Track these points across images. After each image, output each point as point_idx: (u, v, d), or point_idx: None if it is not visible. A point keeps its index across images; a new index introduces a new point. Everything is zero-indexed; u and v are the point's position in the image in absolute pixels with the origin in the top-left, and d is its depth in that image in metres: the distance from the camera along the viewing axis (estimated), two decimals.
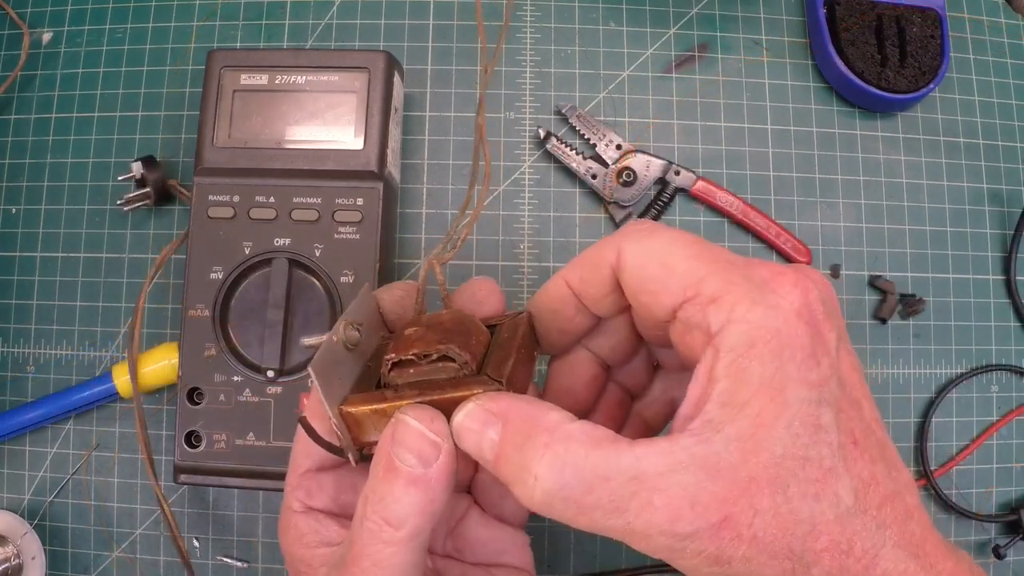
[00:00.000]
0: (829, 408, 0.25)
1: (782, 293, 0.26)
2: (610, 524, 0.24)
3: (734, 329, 0.25)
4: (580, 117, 0.50)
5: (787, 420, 0.24)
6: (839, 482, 0.24)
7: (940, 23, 0.50)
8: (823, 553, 0.24)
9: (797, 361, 0.24)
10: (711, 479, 0.24)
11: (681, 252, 0.27)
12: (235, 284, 0.44)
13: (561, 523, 0.25)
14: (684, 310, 0.26)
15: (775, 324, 0.25)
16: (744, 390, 0.24)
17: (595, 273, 0.29)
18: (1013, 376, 0.50)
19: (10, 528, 0.45)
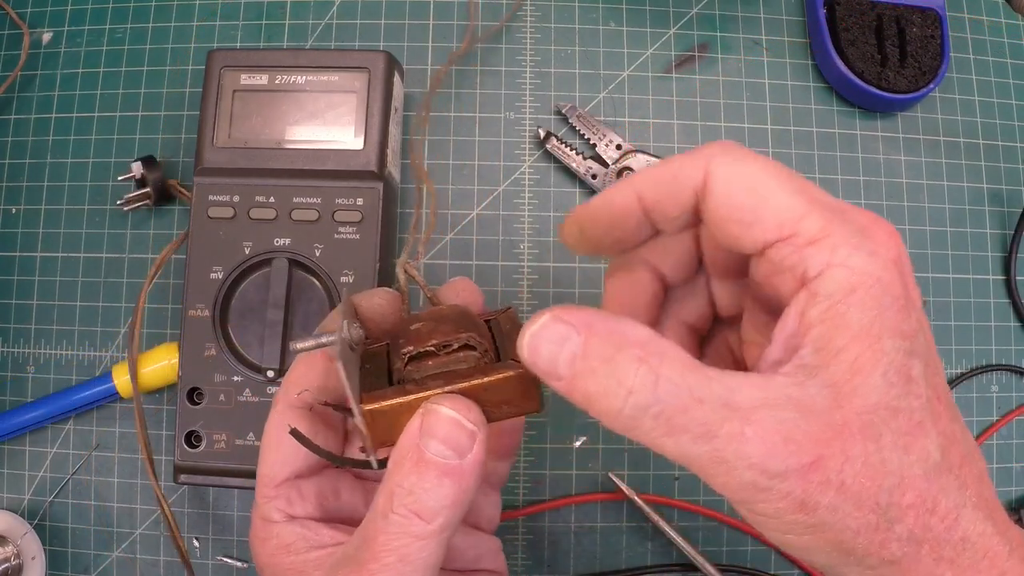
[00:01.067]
0: (919, 360, 0.24)
1: (880, 241, 0.24)
2: (696, 451, 0.23)
3: (834, 273, 0.23)
4: (580, 117, 0.50)
5: (883, 368, 0.23)
6: (927, 437, 0.23)
7: (940, 23, 0.50)
8: (908, 509, 0.23)
9: (894, 311, 0.24)
10: (805, 419, 0.23)
11: (779, 184, 0.25)
12: (235, 284, 0.44)
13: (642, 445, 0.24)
14: (778, 249, 0.24)
15: (876, 272, 0.23)
16: (841, 336, 0.23)
17: (673, 193, 0.26)
18: (1013, 376, 0.50)
19: (10, 528, 0.45)
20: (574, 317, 0.24)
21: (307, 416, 0.30)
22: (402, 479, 0.26)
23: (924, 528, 0.23)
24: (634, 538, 0.47)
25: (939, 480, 0.23)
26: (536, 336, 0.24)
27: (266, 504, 0.30)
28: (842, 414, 0.23)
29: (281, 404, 0.30)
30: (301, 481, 0.30)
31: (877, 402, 0.23)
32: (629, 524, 0.48)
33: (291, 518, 0.30)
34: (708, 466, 0.23)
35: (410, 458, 0.26)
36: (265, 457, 0.30)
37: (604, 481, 0.47)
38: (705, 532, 0.47)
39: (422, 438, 0.26)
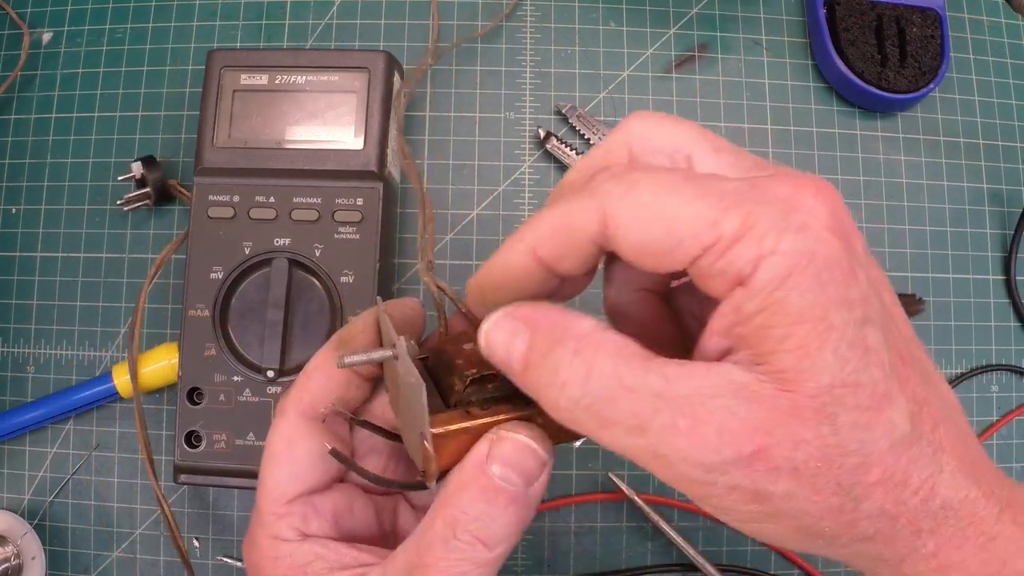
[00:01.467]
0: (874, 326, 0.22)
1: (807, 209, 0.23)
2: (631, 443, 0.22)
3: (766, 264, 0.22)
4: (580, 117, 0.50)
5: (833, 345, 0.21)
6: (893, 407, 0.22)
7: (940, 23, 0.50)
8: (875, 487, 0.22)
9: (837, 281, 0.22)
10: (745, 407, 0.21)
11: (680, 197, 0.23)
12: (235, 284, 0.44)
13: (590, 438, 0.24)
14: (704, 260, 0.22)
15: (810, 247, 0.22)
16: (782, 324, 0.22)
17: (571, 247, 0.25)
18: (1013, 376, 0.50)
19: (10, 528, 0.45)
20: (522, 313, 0.25)
21: (319, 429, 0.29)
22: (467, 506, 0.25)
23: (896, 503, 0.22)
24: (634, 538, 0.47)
25: (908, 452, 0.22)
26: (489, 335, 0.25)
27: (277, 522, 0.28)
28: (791, 398, 0.21)
29: (292, 413, 0.29)
30: (316, 497, 0.29)
31: (831, 381, 0.21)
32: (629, 524, 0.48)
33: (305, 536, 0.28)
34: (647, 461, 0.22)
35: (477, 484, 0.25)
36: (272, 470, 0.29)
37: (604, 481, 0.47)
38: (705, 532, 0.47)
39: (492, 465, 0.25)
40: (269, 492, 0.28)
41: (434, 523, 0.26)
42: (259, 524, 0.29)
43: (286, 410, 0.29)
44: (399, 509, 0.33)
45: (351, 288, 0.43)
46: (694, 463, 0.22)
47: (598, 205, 0.24)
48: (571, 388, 0.23)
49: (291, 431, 0.29)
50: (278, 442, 0.29)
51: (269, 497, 0.28)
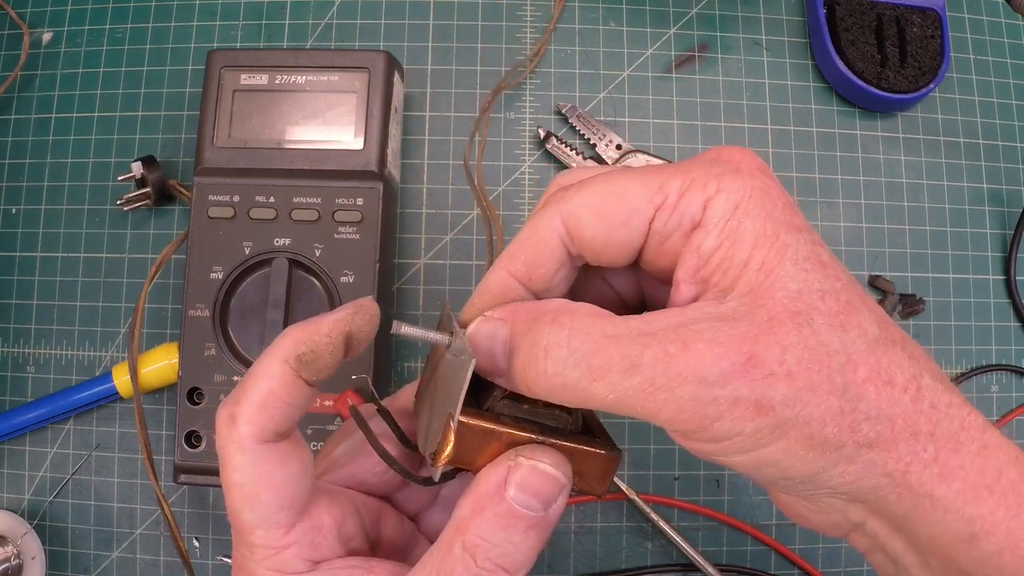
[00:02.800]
0: (823, 247, 0.24)
1: (738, 159, 0.25)
2: (627, 385, 0.23)
3: (714, 202, 0.24)
4: (580, 117, 0.50)
5: (792, 258, 0.23)
6: (860, 313, 0.23)
7: (940, 23, 0.50)
8: (866, 384, 0.23)
9: (780, 208, 0.24)
10: (728, 324, 0.23)
11: (626, 178, 0.25)
12: (235, 284, 0.44)
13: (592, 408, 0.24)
14: (657, 220, 0.25)
15: (747, 183, 0.24)
16: (741, 249, 0.23)
17: (542, 252, 0.26)
18: (1013, 376, 0.50)
19: (10, 528, 0.45)
20: (500, 311, 0.26)
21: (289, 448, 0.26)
22: (487, 532, 0.25)
23: (890, 401, 0.23)
24: (634, 538, 0.47)
25: (887, 352, 0.23)
26: (473, 340, 0.26)
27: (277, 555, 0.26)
28: (766, 310, 0.23)
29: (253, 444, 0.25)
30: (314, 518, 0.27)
31: (800, 288, 0.23)
32: (629, 524, 0.48)
33: (315, 564, 0.26)
34: (646, 399, 0.23)
35: (494, 509, 0.25)
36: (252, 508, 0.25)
37: None
38: (705, 532, 0.47)
39: (510, 489, 0.25)
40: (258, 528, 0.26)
41: (452, 547, 0.25)
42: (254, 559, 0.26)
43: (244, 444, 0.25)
44: (384, 515, 0.32)
45: (351, 288, 0.43)
46: (695, 381, 0.22)
47: (557, 208, 0.26)
48: (556, 350, 0.24)
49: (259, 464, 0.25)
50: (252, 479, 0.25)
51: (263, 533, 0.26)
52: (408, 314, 0.49)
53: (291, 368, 0.26)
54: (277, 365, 0.26)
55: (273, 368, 0.26)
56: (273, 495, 0.25)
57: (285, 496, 0.26)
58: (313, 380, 0.26)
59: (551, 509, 0.25)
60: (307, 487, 0.27)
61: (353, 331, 0.27)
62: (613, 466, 0.27)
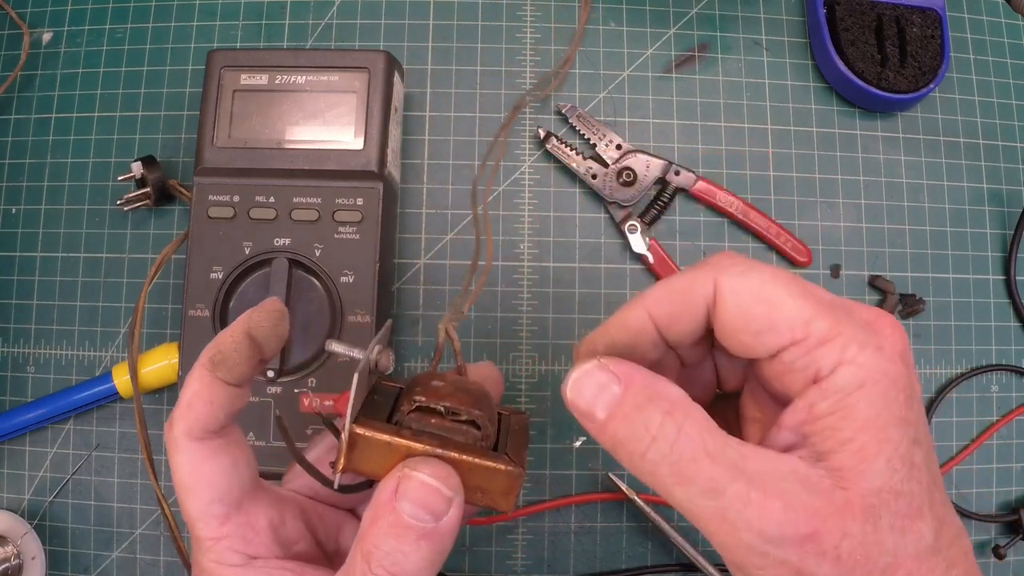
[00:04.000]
0: (920, 448, 0.25)
1: (886, 335, 0.26)
2: (703, 504, 0.24)
3: (844, 370, 0.25)
4: (580, 117, 0.50)
5: (887, 456, 0.24)
6: (923, 520, 0.25)
7: (940, 23, 0.50)
8: None
9: (899, 402, 0.25)
10: (808, 493, 0.24)
11: (786, 290, 0.26)
12: (235, 284, 0.44)
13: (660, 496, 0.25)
14: (790, 352, 0.25)
15: (883, 366, 0.25)
16: (849, 427, 0.25)
17: (687, 308, 0.27)
18: (1013, 376, 0.50)
19: (10, 528, 0.45)
20: (618, 368, 0.26)
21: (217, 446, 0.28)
22: (380, 540, 0.26)
23: None
24: (634, 538, 0.47)
25: (929, 561, 0.25)
26: (580, 380, 0.26)
27: (216, 545, 0.28)
28: (845, 495, 0.24)
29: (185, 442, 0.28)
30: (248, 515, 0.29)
31: (881, 486, 0.24)
32: (629, 524, 0.48)
33: (250, 559, 0.28)
34: (712, 522, 0.24)
35: (386, 519, 0.26)
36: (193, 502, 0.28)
37: (604, 481, 0.47)
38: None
39: (399, 501, 0.26)
40: (198, 521, 0.28)
41: (355, 556, 0.27)
42: (200, 551, 0.28)
43: (179, 442, 0.28)
44: (343, 527, 0.33)
45: (351, 288, 0.43)
46: (757, 532, 0.24)
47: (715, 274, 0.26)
48: (660, 444, 0.25)
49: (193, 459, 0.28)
50: (187, 474, 0.28)
51: (201, 524, 0.28)
52: (408, 314, 0.49)
53: (207, 370, 0.28)
54: (198, 369, 0.28)
55: (195, 372, 0.28)
56: (206, 488, 0.28)
57: (217, 490, 0.28)
58: (230, 380, 0.28)
59: (442, 521, 0.26)
60: (241, 482, 0.28)
61: (252, 328, 0.28)
62: (515, 483, 0.27)
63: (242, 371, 0.28)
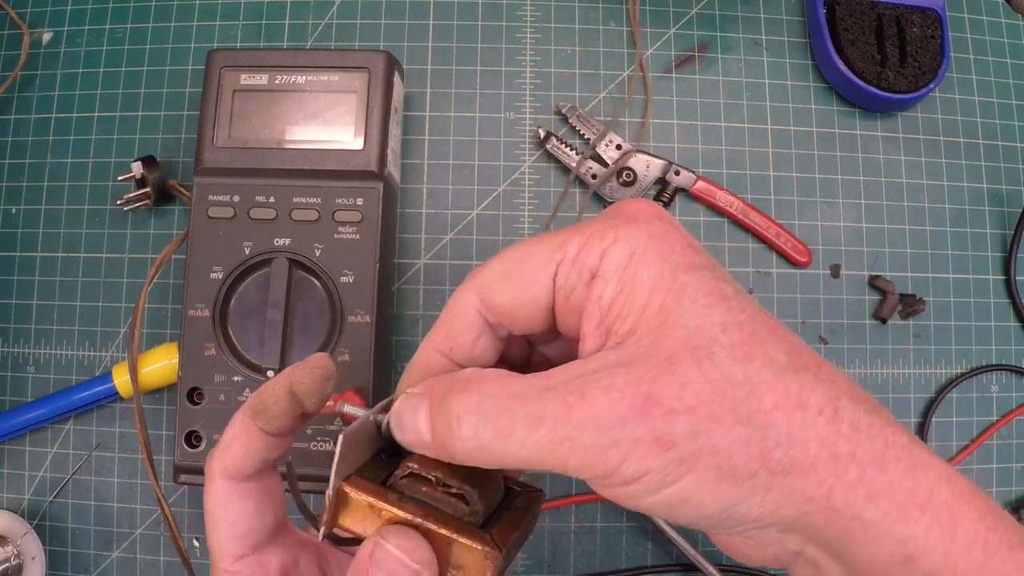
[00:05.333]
0: (728, 284, 0.24)
1: (634, 209, 0.26)
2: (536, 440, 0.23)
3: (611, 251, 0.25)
4: (580, 117, 0.50)
5: (691, 296, 0.23)
6: (766, 343, 0.23)
7: (940, 23, 0.50)
8: (774, 412, 0.22)
9: (677, 250, 0.24)
10: (625, 370, 0.23)
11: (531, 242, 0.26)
12: (235, 284, 0.44)
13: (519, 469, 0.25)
14: (560, 275, 0.26)
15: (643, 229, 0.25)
16: (639, 294, 0.24)
17: (459, 324, 0.28)
18: (1013, 376, 0.50)
19: (10, 528, 0.45)
20: (420, 387, 0.26)
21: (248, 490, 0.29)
22: None
23: (801, 425, 0.22)
24: (634, 538, 0.47)
25: (797, 378, 0.23)
26: (397, 415, 0.27)
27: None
28: (665, 350, 0.23)
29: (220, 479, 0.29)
30: (264, 554, 0.30)
31: (699, 324, 0.23)
32: (629, 524, 0.48)
33: None
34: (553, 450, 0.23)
35: None
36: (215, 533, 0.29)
37: None
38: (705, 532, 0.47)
39: (372, 567, 0.26)
40: (217, 551, 0.29)
41: None
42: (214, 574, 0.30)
43: (213, 477, 0.29)
44: None
45: (351, 288, 0.43)
46: (593, 427, 0.22)
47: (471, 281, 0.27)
48: (466, 416, 0.24)
49: (222, 496, 0.29)
50: (215, 507, 0.29)
51: (219, 555, 0.29)
52: (408, 314, 0.49)
53: (248, 417, 0.28)
54: (240, 414, 0.29)
55: (238, 416, 0.29)
56: (227, 525, 0.29)
57: (237, 529, 0.29)
58: (268, 430, 0.28)
59: None
60: (262, 528, 0.29)
61: (293, 385, 0.28)
62: (491, 563, 0.26)
63: (281, 423, 0.28)
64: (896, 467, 0.23)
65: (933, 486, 0.23)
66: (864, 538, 0.23)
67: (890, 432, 0.23)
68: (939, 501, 0.23)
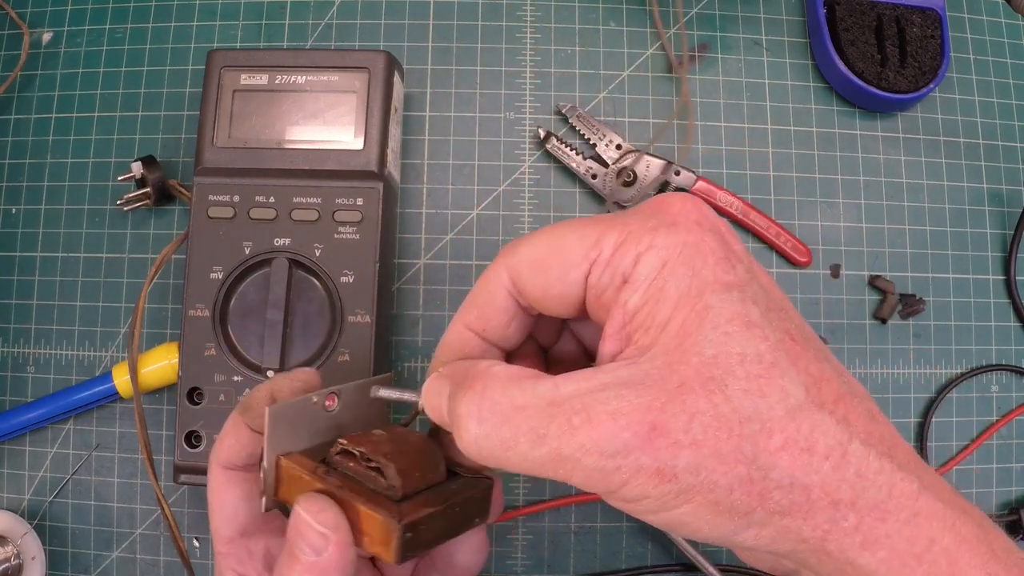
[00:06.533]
0: (757, 306, 0.23)
1: (676, 211, 0.25)
2: (538, 455, 0.23)
3: (644, 259, 0.24)
4: (580, 117, 0.50)
5: (712, 321, 0.23)
6: (785, 376, 0.22)
7: (940, 23, 0.50)
8: (780, 453, 0.22)
9: (710, 265, 0.23)
10: (635, 393, 0.22)
11: (567, 229, 0.26)
12: (235, 284, 0.44)
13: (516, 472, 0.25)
14: (592, 274, 0.25)
15: (680, 238, 0.24)
16: (663, 309, 0.23)
17: (492, 303, 0.28)
18: (1013, 376, 0.50)
19: (10, 528, 0.45)
20: (448, 370, 0.27)
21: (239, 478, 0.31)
22: (281, 568, 0.28)
23: (805, 469, 0.22)
24: (634, 538, 0.47)
25: (810, 417, 0.22)
26: (424, 397, 0.28)
27: (221, 559, 0.32)
28: (678, 376, 0.22)
29: (215, 467, 0.31)
30: (250, 539, 0.32)
31: (717, 353, 0.22)
32: (629, 524, 0.48)
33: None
34: (556, 468, 0.23)
35: (287, 547, 0.28)
36: (212, 517, 0.32)
37: None
38: None
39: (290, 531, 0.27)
40: (213, 535, 0.32)
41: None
42: (216, 558, 0.32)
43: (211, 466, 0.32)
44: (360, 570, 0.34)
45: (351, 288, 0.43)
46: (597, 453, 0.22)
47: (504, 261, 0.27)
48: (469, 421, 0.24)
49: (217, 483, 0.31)
50: (210, 493, 0.32)
51: (214, 538, 0.32)
52: (408, 314, 0.49)
53: (238, 413, 0.31)
54: (233, 412, 0.32)
55: (231, 414, 0.32)
56: (219, 510, 0.31)
57: (226, 513, 0.31)
58: (253, 426, 0.31)
59: (322, 556, 0.27)
60: (249, 513, 0.31)
61: (274, 392, 0.31)
62: (393, 533, 0.27)
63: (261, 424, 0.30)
64: (898, 516, 0.23)
65: (935, 535, 0.23)
66: None
67: (899, 478, 0.23)
68: (939, 550, 0.23)
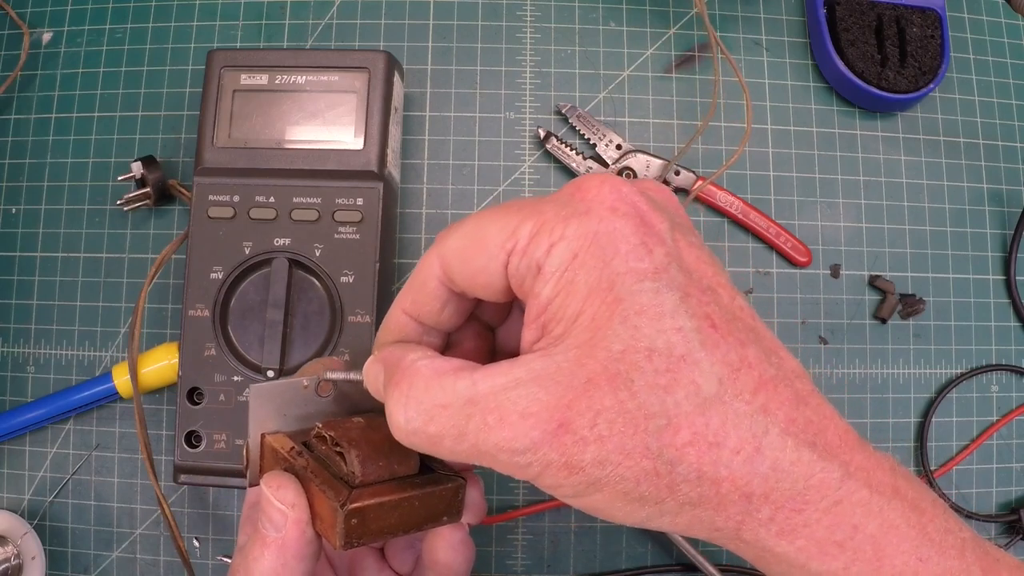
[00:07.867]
0: (672, 293, 0.23)
1: (592, 196, 0.24)
2: (462, 450, 0.24)
3: (555, 250, 0.24)
4: (580, 117, 0.50)
5: (622, 314, 0.23)
6: (696, 369, 0.22)
7: (940, 23, 0.50)
8: (686, 448, 0.22)
9: (623, 254, 0.23)
10: (544, 389, 0.23)
11: (490, 218, 0.26)
12: (235, 284, 0.44)
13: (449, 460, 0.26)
14: (511, 264, 0.25)
15: (591, 228, 0.24)
16: (573, 301, 0.23)
17: (424, 290, 0.28)
18: (1013, 376, 0.50)
19: (10, 528, 0.45)
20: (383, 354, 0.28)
21: None
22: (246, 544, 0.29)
23: (714, 464, 0.22)
24: (634, 538, 0.47)
25: (721, 410, 0.22)
26: (365, 376, 0.29)
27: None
28: (586, 372, 0.23)
29: None
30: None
31: (624, 348, 0.22)
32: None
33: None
34: (479, 460, 0.24)
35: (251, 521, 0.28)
36: None
37: None
38: None
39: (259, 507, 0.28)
40: None
41: None
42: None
43: None
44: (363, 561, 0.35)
45: (351, 288, 0.43)
46: (509, 451, 0.23)
47: (435, 251, 0.28)
48: (398, 416, 0.25)
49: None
50: None
51: None
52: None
53: None
54: None
55: None
56: None
57: None
58: None
59: (281, 533, 0.28)
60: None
61: None
62: (338, 516, 0.27)
63: None
64: (817, 505, 0.23)
65: (859, 522, 0.23)
66: (778, 568, 0.24)
67: (819, 468, 0.23)
68: (863, 537, 0.23)
